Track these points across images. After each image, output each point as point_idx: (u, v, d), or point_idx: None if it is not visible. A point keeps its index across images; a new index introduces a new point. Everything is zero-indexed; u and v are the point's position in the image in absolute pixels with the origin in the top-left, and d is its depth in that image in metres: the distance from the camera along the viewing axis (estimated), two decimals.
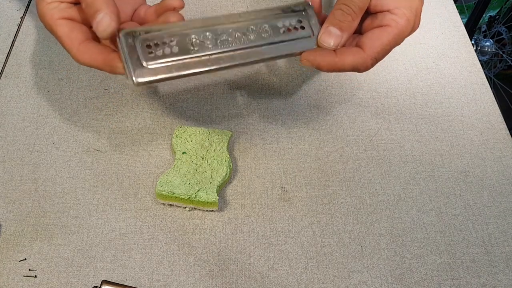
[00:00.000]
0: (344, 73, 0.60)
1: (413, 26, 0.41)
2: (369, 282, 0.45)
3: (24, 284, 0.44)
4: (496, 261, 0.47)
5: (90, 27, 0.38)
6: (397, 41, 0.42)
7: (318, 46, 0.42)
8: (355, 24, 0.41)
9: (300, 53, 0.42)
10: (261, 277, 0.45)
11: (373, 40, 0.40)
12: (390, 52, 0.62)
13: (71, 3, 0.38)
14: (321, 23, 0.43)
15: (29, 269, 0.45)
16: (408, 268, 0.46)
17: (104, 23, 0.36)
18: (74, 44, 0.37)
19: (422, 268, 0.46)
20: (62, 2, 0.38)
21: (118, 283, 0.44)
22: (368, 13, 0.43)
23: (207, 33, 0.41)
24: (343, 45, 0.42)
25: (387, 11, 0.41)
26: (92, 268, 0.45)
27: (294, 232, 0.48)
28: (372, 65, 0.41)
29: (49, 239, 0.47)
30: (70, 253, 0.46)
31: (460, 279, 0.46)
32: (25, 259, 0.45)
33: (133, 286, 0.44)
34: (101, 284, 0.43)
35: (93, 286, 0.44)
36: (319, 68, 0.41)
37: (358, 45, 0.41)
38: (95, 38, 0.38)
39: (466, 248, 0.48)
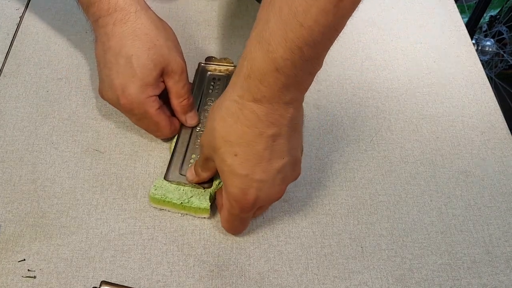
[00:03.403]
0: (344, 72, 0.60)
1: (243, 195, 0.42)
2: (369, 283, 0.45)
3: (23, 284, 0.44)
4: (497, 262, 0.47)
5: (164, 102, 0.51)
6: (233, 217, 0.44)
7: None
8: (205, 175, 0.47)
9: None
10: (261, 277, 0.45)
11: (222, 210, 0.46)
12: (391, 52, 0.62)
13: (157, 96, 0.50)
14: None
15: (28, 270, 0.45)
16: (408, 268, 0.46)
17: (195, 119, 0.52)
18: (167, 126, 0.51)
19: (422, 268, 0.46)
20: (155, 96, 0.49)
21: (117, 284, 0.43)
22: None
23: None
24: (198, 182, 0.48)
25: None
26: (91, 269, 0.45)
27: (294, 232, 0.48)
28: (233, 234, 0.47)
29: (48, 239, 0.46)
30: (69, 253, 0.46)
31: (461, 280, 0.46)
32: (24, 260, 0.45)
33: (132, 287, 0.44)
34: (100, 285, 0.43)
35: (92, 286, 0.44)
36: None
37: None
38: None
39: (467, 249, 0.47)
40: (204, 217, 0.48)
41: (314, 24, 0.34)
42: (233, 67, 0.57)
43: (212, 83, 0.56)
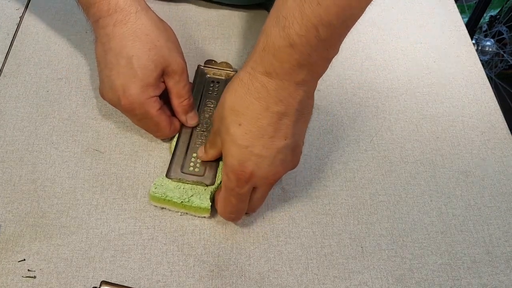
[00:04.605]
0: (344, 73, 0.60)
1: (239, 177, 0.42)
2: (369, 283, 0.45)
3: (23, 284, 0.44)
4: (497, 262, 0.47)
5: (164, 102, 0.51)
6: (229, 191, 0.44)
7: None
8: (212, 152, 0.48)
9: None
10: (261, 277, 0.45)
11: (219, 199, 0.46)
12: (391, 52, 0.62)
13: (158, 96, 0.50)
14: None
15: (28, 270, 0.45)
16: (408, 268, 0.46)
17: (195, 119, 0.52)
18: (168, 127, 0.51)
19: (423, 268, 0.46)
20: (156, 96, 0.49)
21: (117, 284, 0.43)
22: None
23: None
24: (206, 160, 0.49)
25: None
26: (91, 269, 0.45)
27: (294, 232, 0.48)
28: (229, 218, 0.47)
29: (48, 239, 0.46)
30: (69, 253, 0.46)
31: (461, 280, 0.46)
32: (24, 260, 0.45)
33: (132, 287, 0.44)
34: (100, 285, 0.43)
35: (92, 286, 0.44)
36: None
37: None
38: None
39: (467, 249, 0.47)
40: (204, 217, 0.48)
41: (331, 3, 0.35)
42: (232, 72, 0.57)
43: (212, 85, 0.56)
